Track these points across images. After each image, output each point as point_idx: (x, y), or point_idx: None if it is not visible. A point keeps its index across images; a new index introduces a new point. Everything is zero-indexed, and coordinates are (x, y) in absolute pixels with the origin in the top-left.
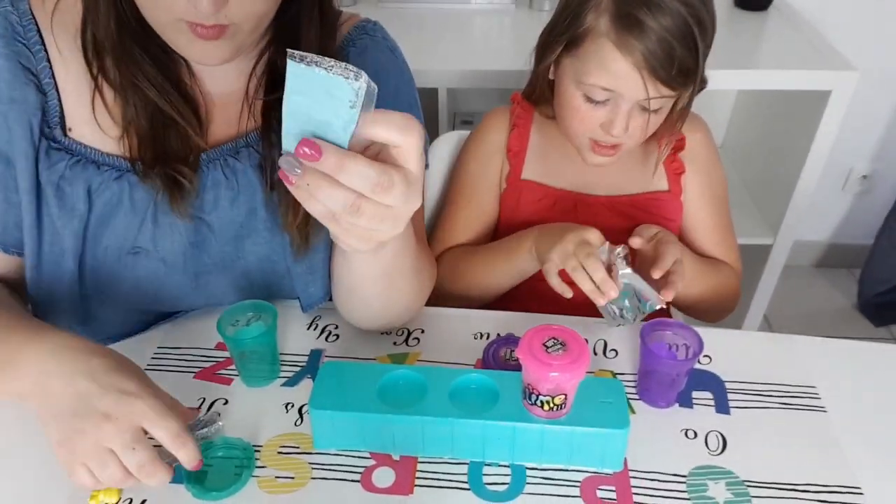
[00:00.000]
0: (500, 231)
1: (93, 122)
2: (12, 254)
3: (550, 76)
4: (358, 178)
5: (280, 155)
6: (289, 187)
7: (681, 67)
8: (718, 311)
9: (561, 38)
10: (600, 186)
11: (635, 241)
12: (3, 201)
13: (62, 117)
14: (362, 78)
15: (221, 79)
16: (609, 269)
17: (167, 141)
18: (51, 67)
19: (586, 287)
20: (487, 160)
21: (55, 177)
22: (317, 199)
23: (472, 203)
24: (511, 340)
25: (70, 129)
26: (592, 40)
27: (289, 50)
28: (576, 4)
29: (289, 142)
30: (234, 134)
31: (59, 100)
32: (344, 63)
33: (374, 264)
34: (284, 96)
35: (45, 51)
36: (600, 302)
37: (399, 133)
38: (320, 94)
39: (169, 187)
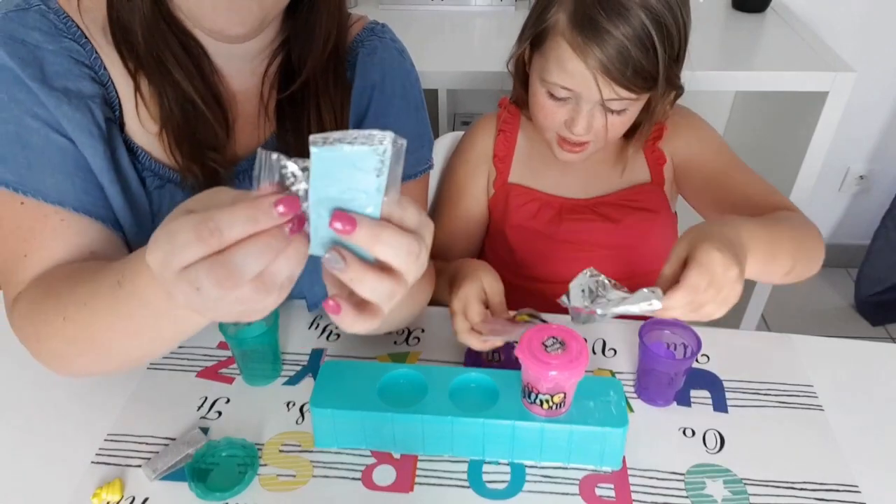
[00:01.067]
0: (490, 236)
1: (136, 117)
2: (104, 224)
3: (527, 70)
4: (394, 248)
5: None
6: (332, 314)
7: (637, 71)
8: (813, 259)
9: (527, 33)
10: (584, 188)
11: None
12: (76, 168)
13: (120, 111)
14: (387, 139)
15: (238, 76)
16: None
17: (199, 132)
18: (101, 60)
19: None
20: (474, 167)
21: (124, 162)
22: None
23: (460, 210)
24: None
25: (125, 124)
26: (552, 38)
27: (311, 136)
28: (544, 0)
29: (317, 242)
30: (259, 139)
31: (116, 92)
32: (368, 131)
33: None
34: (310, 187)
35: (92, 44)
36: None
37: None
38: (346, 171)
39: (209, 178)
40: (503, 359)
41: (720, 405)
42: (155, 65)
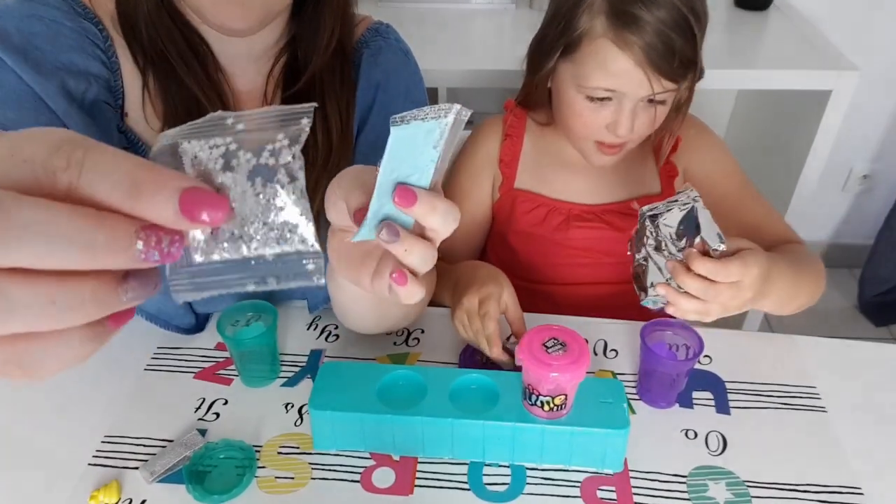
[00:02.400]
0: (493, 239)
1: (140, 111)
2: None
3: (549, 84)
4: (444, 215)
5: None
6: (400, 288)
7: (681, 58)
8: (817, 295)
9: (556, 44)
10: (592, 194)
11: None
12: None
13: (123, 101)
14: (452, 112)
15: (243, 76)
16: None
17: None
18: (114, 48)
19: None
20: (479, 172)
21: None
22: (401, 261)
23: (463, 212)
24: None
25: (126, 115)
26: (589, 42)
27: (392, 117)
28: (567, 9)
29: (374, 214)
30: None
31: (122, 82)
32: (437, 105)
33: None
34: (380, 170)
35: (107, 31)
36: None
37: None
38: (414, 148)
39: None
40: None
41: (722, 407)
42: (160, 61)
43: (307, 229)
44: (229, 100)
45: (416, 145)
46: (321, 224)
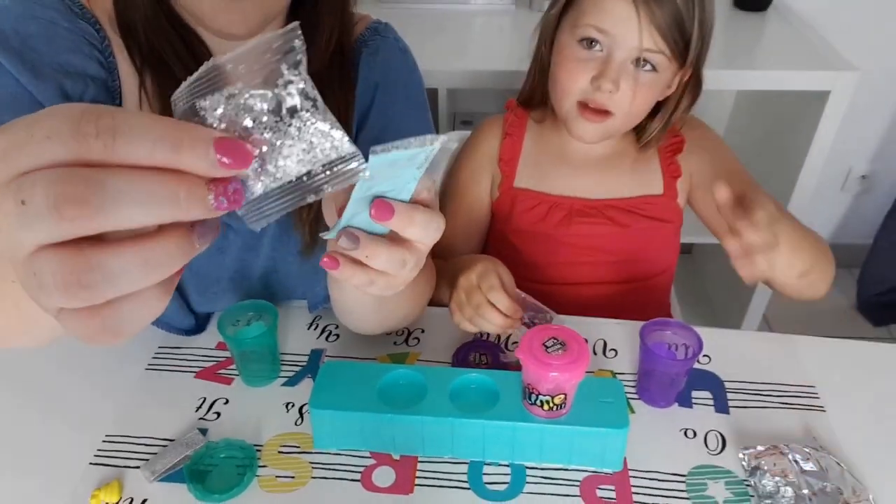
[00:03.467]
0: (493, 238)
1: (138, 110)
2: None
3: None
4: (423, 228)
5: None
6: (332, 272)
7: (676, 19)
8: (826, 271)
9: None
10: (594, 191)
11: (721, 192)
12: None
13: (121, 101)
14: (438, 141)
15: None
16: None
17: None
18: (112, 48)
19: (490, 328)
20: (478, 170)
21: None
22: (358, 269)
23: (462, 211)
24: (480, 344)
25: None
26: None
27: (372, 147)
28: None
29: (345, 221)
30: None
31: (119, 82)
32: (422, 137)
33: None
34: (358, 184)
35: (104, 31)
36: (509, 331)
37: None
38: (392, 170)
39: None
40: (491, 361)
41: (722, 406)
42: (157, 62)
43: (339, 136)
44: None
45: (396, 167)
46: (319, 228)
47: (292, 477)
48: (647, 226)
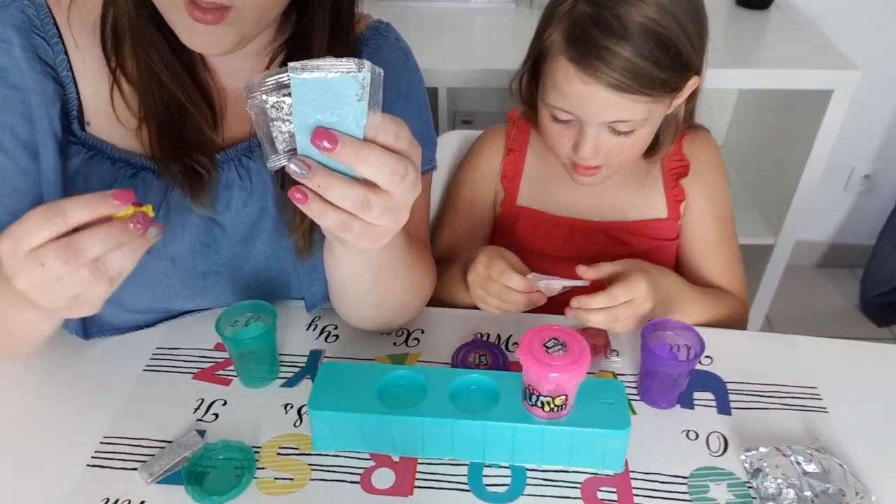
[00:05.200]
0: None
1: (111, 114)
2: None
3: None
4: (376, 166)
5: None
6: (301, 207)
7: (640, 71)
8: (731, 321)
9: (529, 53)
10: (598, 211)
11: (587, 273)
12: (19, 192)
13: (80, 111)
14: (365, 68)
15: (235, 75)
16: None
17: (184, 131)
18: (68, 60)
19: (517, 308)
20: (481, 185)
21: (70, 171)
22: (328, 207)
23: (465, 226)
24: (479, 344)
25: (88, 123)
26: (550, 59)
27: (289, 63)
28: (545, 17)
29: (300, 151)
30: (248, 133)
31: (78, 92)
32: (344, 59)
33: (362, 264)
34: (293, 111)
35: (63, 44)
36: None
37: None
38: (327, 97)
39: (189, 178)
40: (490, 362)
41: (724, 407)
42: (143, 66)
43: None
44: (215, 100)
45: (328, 95)
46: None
47: (291, 479)
48: (650, 246)
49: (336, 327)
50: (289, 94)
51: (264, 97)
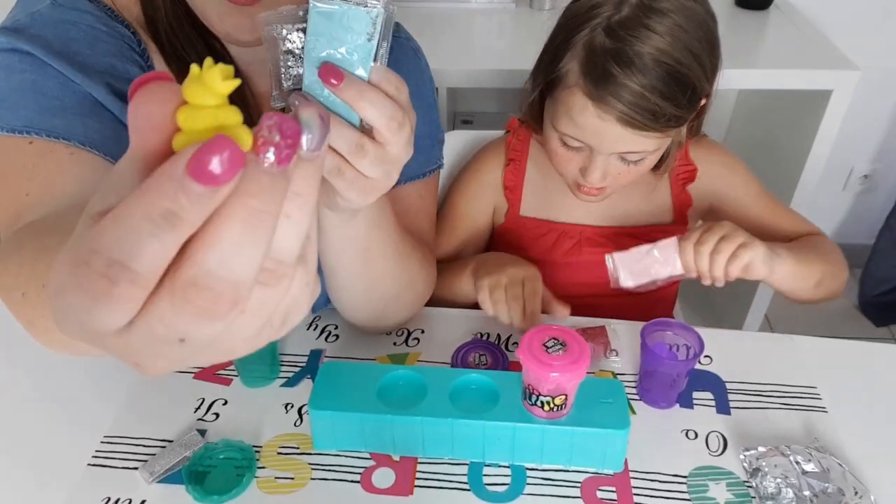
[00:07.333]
0: None
1: None
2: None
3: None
4: (377, 107)
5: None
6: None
7: (663, 119)
8: (837, 282)
9: (539, 78)
10: (603, 218)
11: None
12: (91, 112)
13: None
14: (380, 4)
15: (261, 79)
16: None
17: None
18: (149, 52)
19: (504, 320)
20: (480, 199)
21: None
22: (332, 152)
23: (461, 238)
24: (479, 344)
25: None
26: (564, 87)
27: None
28: (559, 42)
29: (305, 89)
30: None
31: None
32: None
33: (351, 240)
34: (305, 42)
35: (140, 36)
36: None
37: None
38: (339, 30)
39: None
40: (490, 362)
41: (723, 407)
42: (179, 66)
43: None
44: (250, 102)
45: (341, 29)
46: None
47: (291, 478)
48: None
49: (336, 327)
50: (303, 30)
51: (279, 28)
